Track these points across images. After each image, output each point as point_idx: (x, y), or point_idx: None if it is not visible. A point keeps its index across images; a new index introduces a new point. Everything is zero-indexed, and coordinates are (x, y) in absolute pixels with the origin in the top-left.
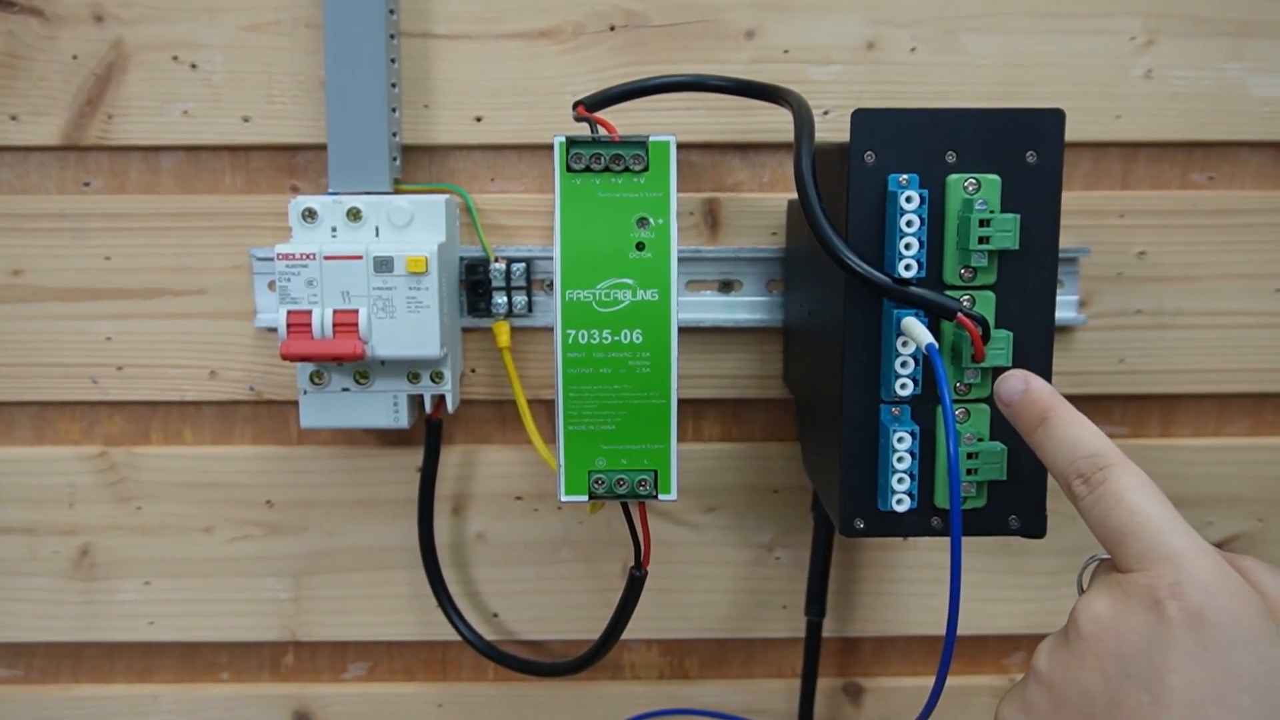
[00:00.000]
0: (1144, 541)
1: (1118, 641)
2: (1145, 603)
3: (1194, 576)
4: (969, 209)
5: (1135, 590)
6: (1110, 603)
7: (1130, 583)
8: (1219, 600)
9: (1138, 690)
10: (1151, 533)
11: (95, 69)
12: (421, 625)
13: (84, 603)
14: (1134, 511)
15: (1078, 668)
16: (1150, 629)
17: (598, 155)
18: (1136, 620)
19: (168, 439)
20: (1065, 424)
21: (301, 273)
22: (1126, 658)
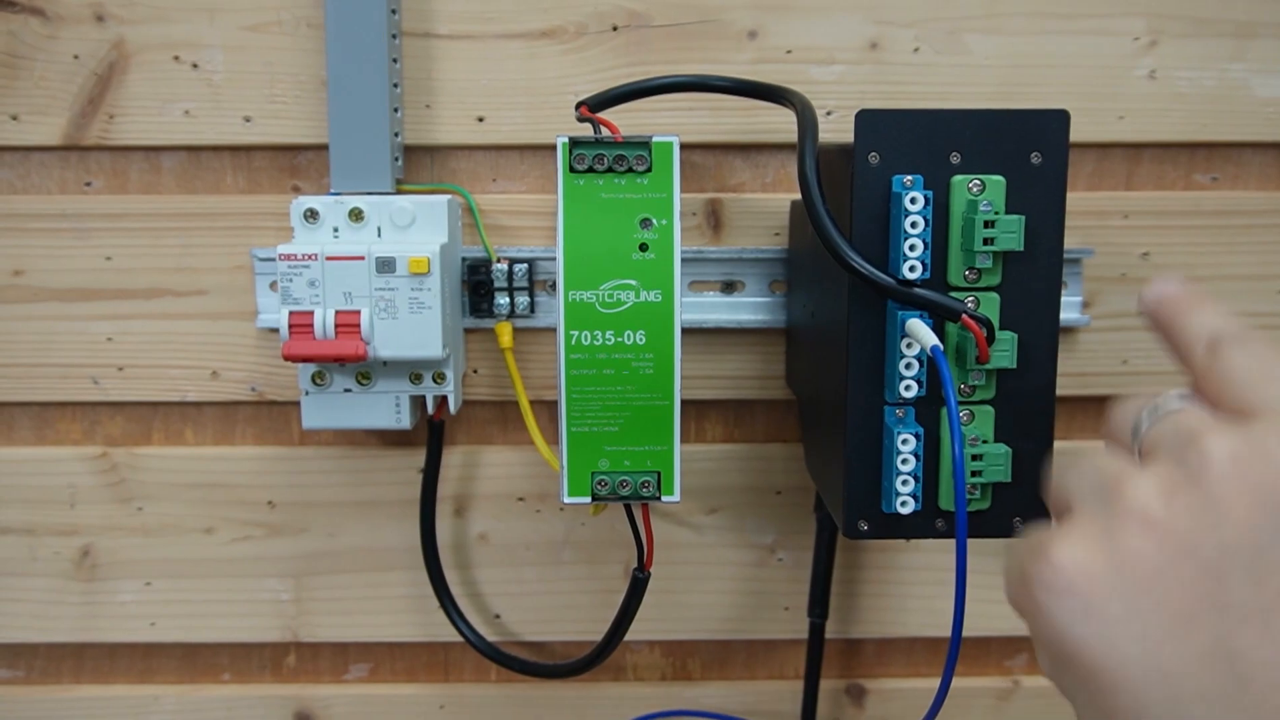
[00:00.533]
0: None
1: (1274, 490)
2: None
3: None
4: (974, 210)
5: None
6: (1255, 445)
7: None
8: None
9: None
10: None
11: (96, 69)
12: (423, 626)
13: (85, 603)
14: (1264, 350)
15: (1217, 516)
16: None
17: (601, 156)
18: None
19: (169, 439)
20: (1219, 309)
21: (303, 273)
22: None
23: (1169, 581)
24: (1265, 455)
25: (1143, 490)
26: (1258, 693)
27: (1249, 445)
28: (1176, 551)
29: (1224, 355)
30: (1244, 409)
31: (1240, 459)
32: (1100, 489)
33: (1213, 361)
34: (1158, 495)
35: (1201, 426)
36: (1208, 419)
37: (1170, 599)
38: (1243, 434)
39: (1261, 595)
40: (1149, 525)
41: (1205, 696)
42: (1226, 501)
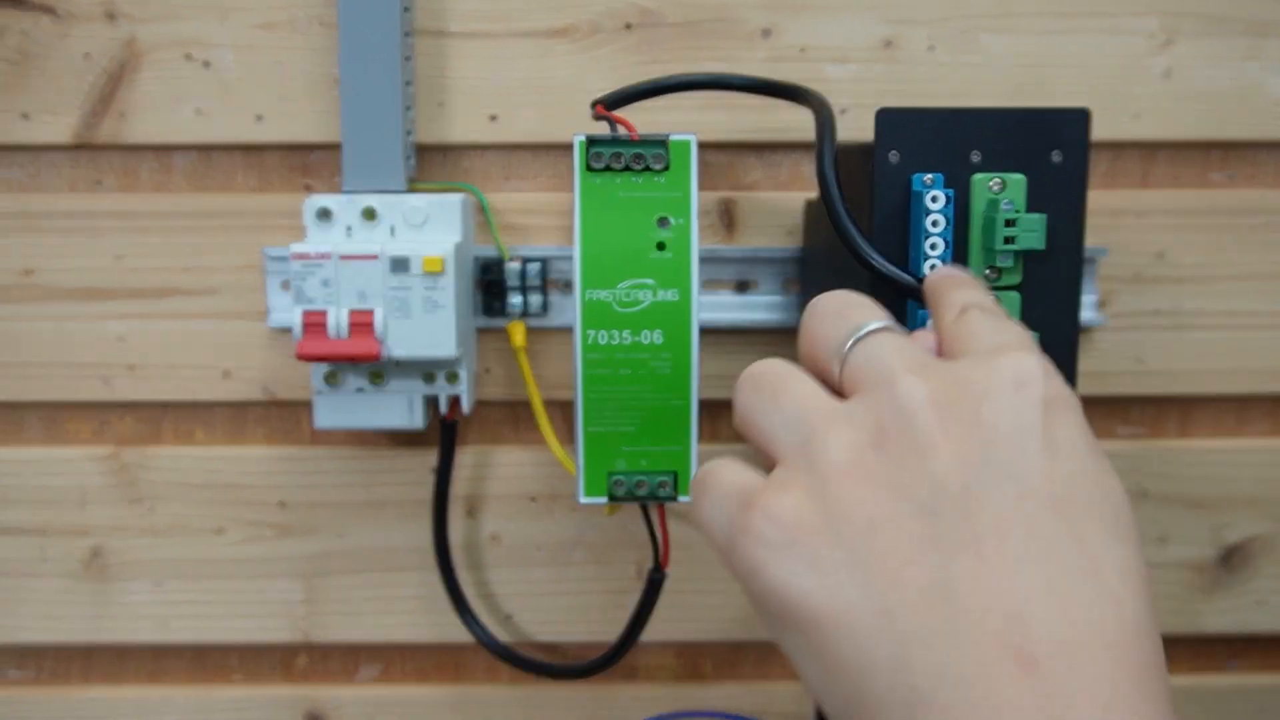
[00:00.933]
0: (1003, 338)
1: (977, 426)
2: (1008, 383)
3: (1049, 366)
4: (994, 209)
5: (995, 369)
6: (952, 383)
7: (985, 362)
8: (1072, 394)
9: (1002, 479)
10: (1015, 337)
11: (107, 67)
12: (435, 627)
13: (94, 604)
14: (1006, 326)
15: (922, 458)
16: (1017, 413)
17: (618, 154)
18: (1002, 405)
19: (180, 439)
20: (984, 289)
21: (317, 272)
22: (991, 442)
23: (885, 525)
24: (963, 385)
25: (850, 437)
26: (976, 621)
27: (946, 384)
28: (889, 495)
29: (967, 318)
30: (963, 352)
31: (940, 400)
32: (805, 436)
33: (957, 323)
34: (860, 441)
35: (899, 364)
36: (905, 350)
37: (888, 542)
38: (941, 373)
39: (972, 527)
40: (861, 472)
41: (928, 632)
42: (930, 442)
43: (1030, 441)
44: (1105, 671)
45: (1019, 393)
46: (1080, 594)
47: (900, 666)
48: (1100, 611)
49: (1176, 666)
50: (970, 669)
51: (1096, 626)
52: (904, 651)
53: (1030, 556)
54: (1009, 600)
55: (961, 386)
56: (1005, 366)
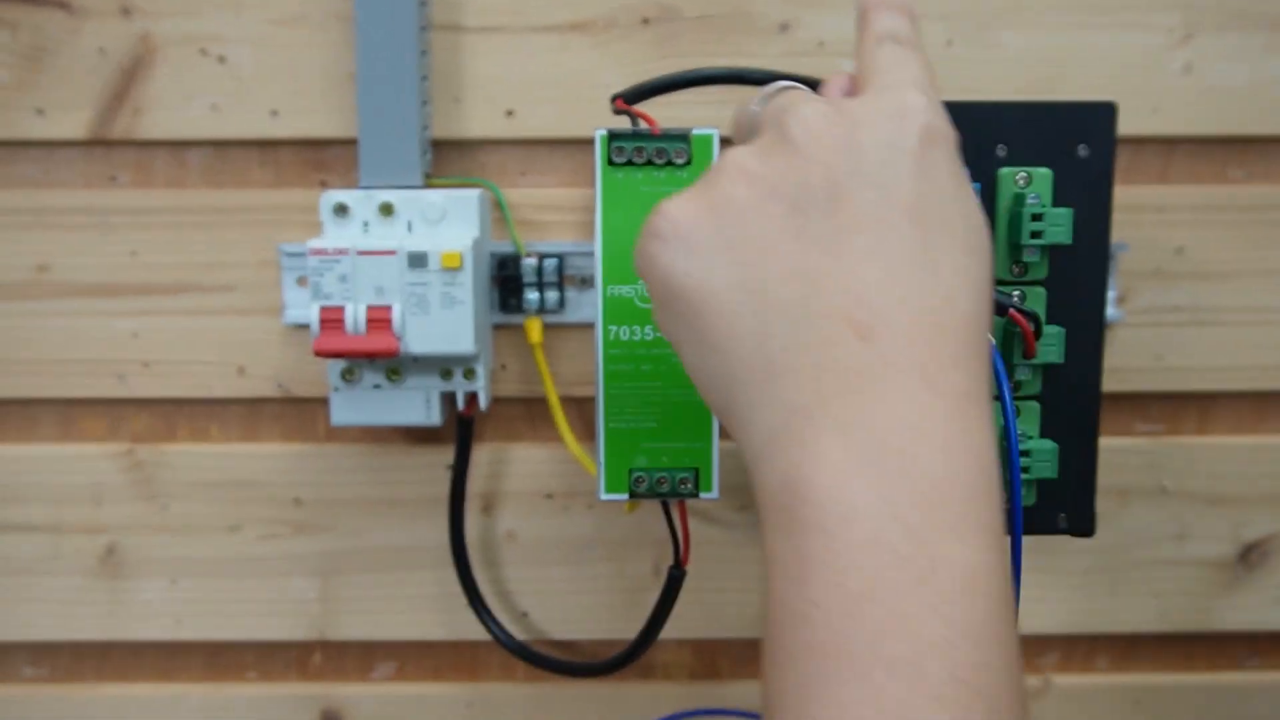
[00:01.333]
0: (899, 76)
1: (852, 144)
2: (890, 114)
3: (935, 105)
4: (1021, 203)
5: (881, 102)
6: (844, 110)
7: (875, 97)
8: (952, 132)
9: (866, 187)
10: (910, 76)
11: (122, 63)
12: (450, 625)
13: (109, 602)
14: (907, 62)
15: (803, 163)
16: (892, 137)
17: (640, 149)
18: (879, 129)
19: (194, 436)
20: (909, 18)
21: (334, 268)
22: (862, 157)
23: (757, 217)
24: (848, 114)
25: (743, 152)
26: (825, 298)
27: (836, 108)
28: (764, 194)
29: (880, 51)
30: (865, 87)
31: (826, 118)
32: (712, 168)
33: (871, 54)
34: (755, 153)
35: (802, 99)
36: (808, 94)
37: (757, 231)
38: (833, 104)
39: (834, 223)
40: (743, 175)
41: (785, 307)
42: (809, 151)
43: (900, 160)
44: (928, 344)
45: (898, 121)
46: (916, 283)
47: (761, 337)
48: (932, 300)
49: (1194, 663)
50: (816, 336)
51: (927, 310)
52: (764, 324)
53: (879, 250)
54: (854, 283)
55: (848, 113)
56: (891, 99)
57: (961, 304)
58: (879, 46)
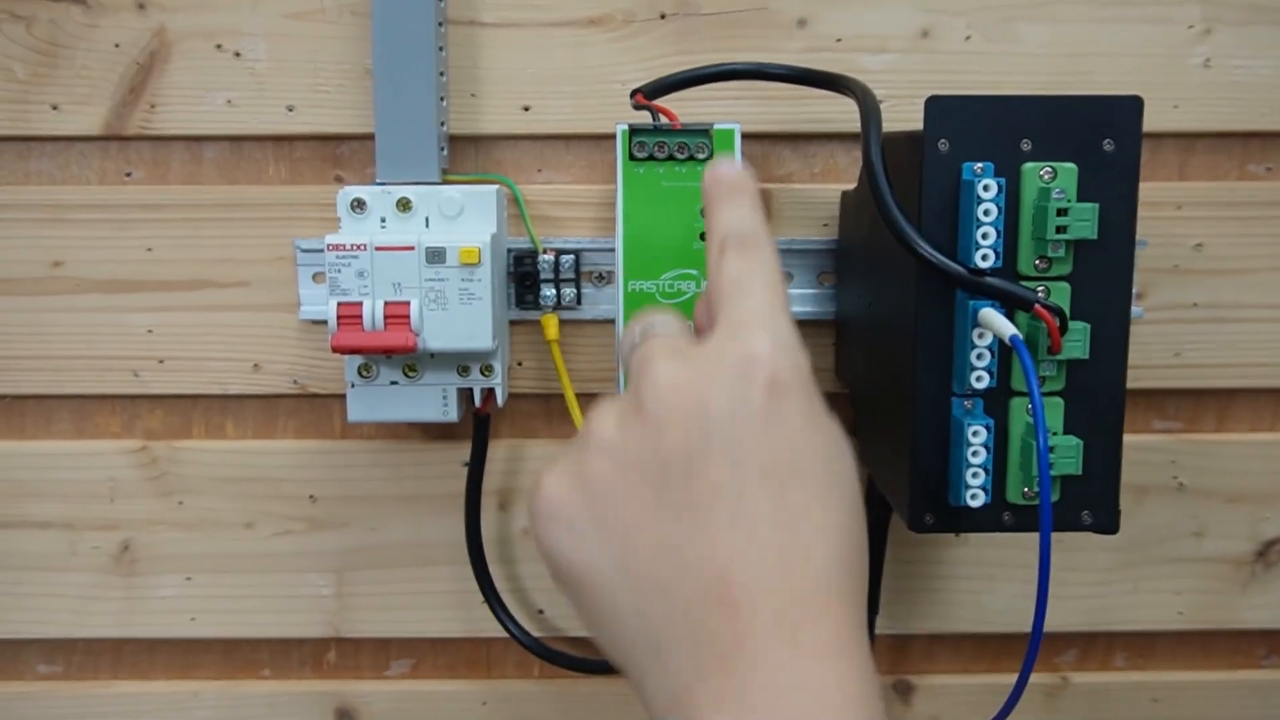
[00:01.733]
0: (743, 312)
1: (700, 410)
2: (734, 369)
3: (780, 340)
4: (1046, 198)
5: (725, 355)
6: (691, 368)
7: (720, 347)
8: (800, 372)
9: (718, 454)
10: (753, 307)
11: (137, 57)
12: (465, 622)
13: (124, 598)
14: (750, 284)
15: (656, 435)
16: (737, 397)
17: (661, 143)
18: (725, 391)
19: (209, 433)
20: (749, 204)
21: (352, 264)
22: (711, 424)
23: (621, 493)
24: (696, 372)
25: (605, 420)
26: (693, 573)
27: (687, 370)
28: (625, 467)
29: (724, 261)
30: (715, 322)
31: (676, 383)
32: (581, 433)
33: (715, 270)
34: (615, 422)
35: (656, 354)
36: (664, 346)
37: (623, 508)
38: (684, 359)
39: (691, 495)
40: (605, 449)
41: (657, 584)
42: (662, 420)
43: (748, 422)
44: (791, 605)
45: (742, 378)
46: (775, 546)
47: (641, 615)
48: (792, 560)
49: (1212, 661)
50: (688, 613)
51: (788, 571)
52: (641, 602)
53: (737, 518)
54: (715, 555)
55: (696, 370)
56: (734, 351)
57: (821, 557)
58: (722, 259)
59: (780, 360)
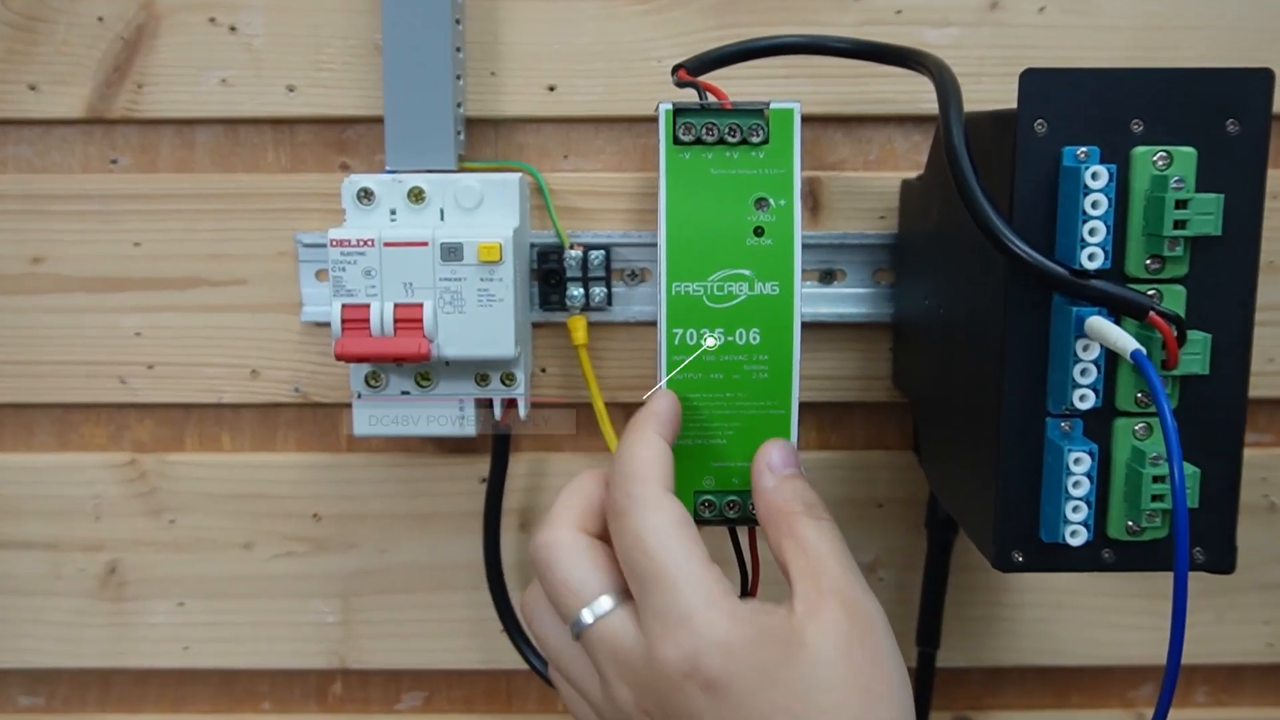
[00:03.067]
0: (665, 596)
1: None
2: (670, 682)
3: (711, 639)
4: (1162, 187)
5: (659, 670)
6: (641, 687)
7: (653, 661)
8: (739, 662)
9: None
10: (671, 585)
11: (123, 32)
12: (483, 652)
13: (112, 625)
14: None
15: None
16: (684, 706)
17: (710, 125)
18: (674, 703)
19: (204, 445)
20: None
21: (358, 261)
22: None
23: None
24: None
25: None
26: None
27: (643, 693)
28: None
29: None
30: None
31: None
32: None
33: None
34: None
35: (610, 671)
36: (613, 657)
37: None
38: (637, 683)
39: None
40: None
41: None
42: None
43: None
44: None
45: (683, 697)
46: None
47: None
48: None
49: None
50: None
51: None
52: None
53: None
54: None
55: (653, 694)
56: (661, 672)
57: None
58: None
59: (702, 659)
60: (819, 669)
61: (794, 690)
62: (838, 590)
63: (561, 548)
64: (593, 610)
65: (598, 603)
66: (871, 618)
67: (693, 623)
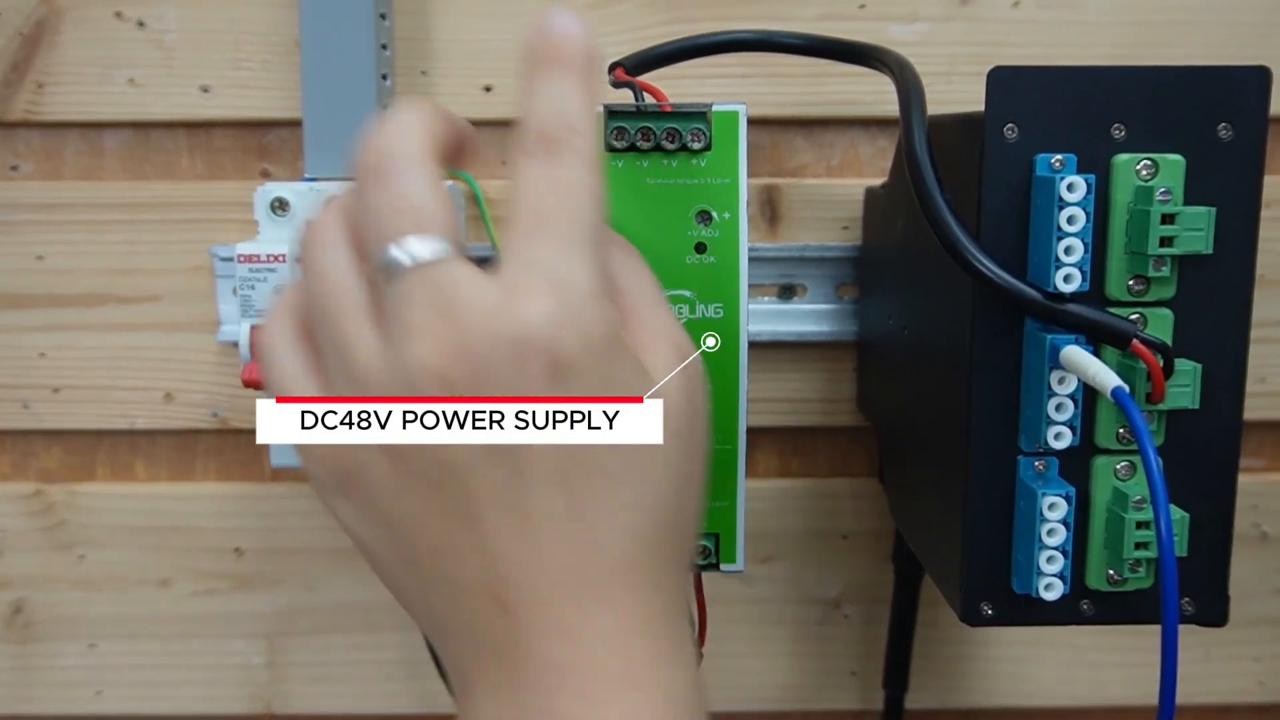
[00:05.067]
0: (526, 258)
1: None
2: (508, 359)
3: (567, 308)
4: (1146, 200)
5: (499, 338)
6: (461, 347)
7: (488, 319)
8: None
9: (500, 461)
10: (539, 252)
11: (22, 27)
12: (420, 696)
13: (18, 669)
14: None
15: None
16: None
17: (646, 130)
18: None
19: (116, 474)
20: (574, 85)
21: (269, 278)
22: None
23: (403, 494)
24: (471, 368)
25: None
26: (469, 577)
27: (458, 358)
28: (408, 473)
29: (517, 175)
30: (502, 251)
31: (446, 373)
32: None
33: (512, 167)
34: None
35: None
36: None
37: (405, 508)
38: (453, 323)
39: (472, 504)
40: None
41: (439, 582)
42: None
43: (528, 419)
44: (569, 601)
45: (518, 361)
46: (558, 546)
47: (426, 603)
48: (574, 557)
49: None
50: (467, 610)
51: (569, 569)
52: (425, 592)
53: (519, 523)
54: (497, 563)
55: (470, 360)
56: (507, 327)
57: (612, 548)
58: (517, 170)
59: (564, 334)
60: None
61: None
62: (666, 334)
63: (413, 161)
64: (430, 245)
65: (438, 240)
66: (700, 369)
67: (572, 294)
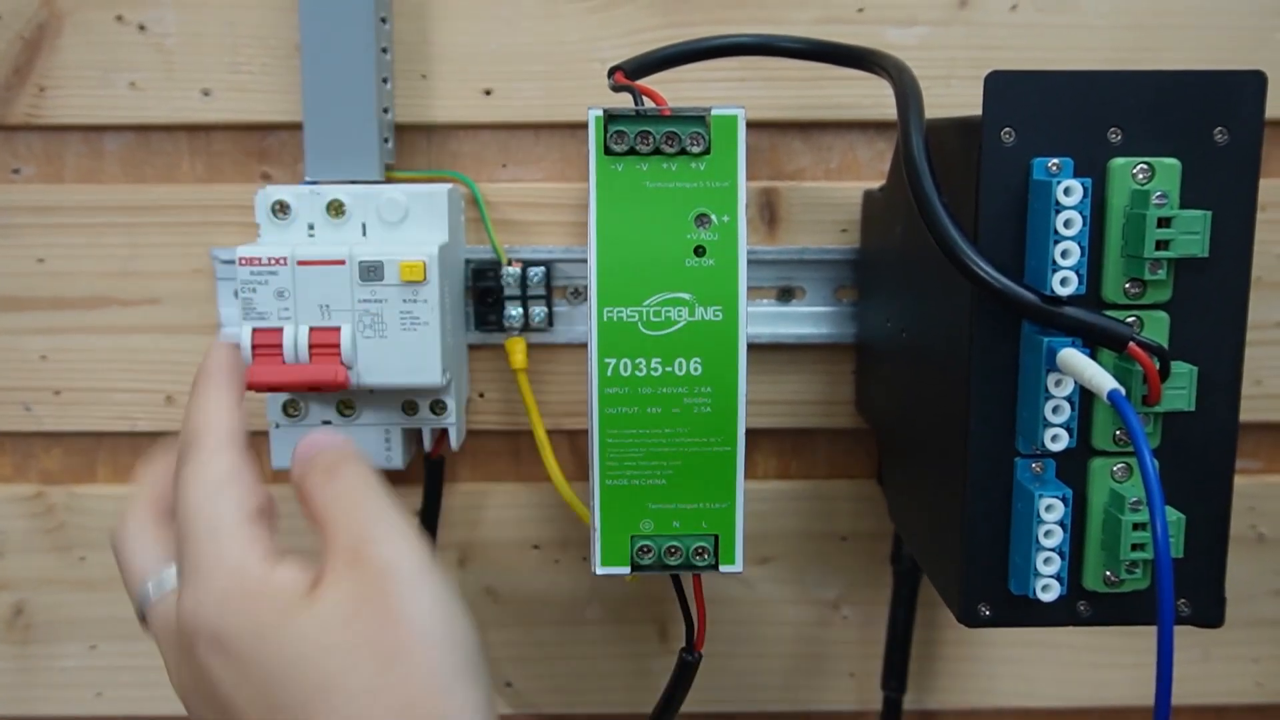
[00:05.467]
0: (189, 552)
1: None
2: (189, 641)
3: (213, 592)
4: (1143, 203)
5: (182, 630)
6: (180, 656)
7: (178, 621)
8: (237, 617)
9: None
10: (194, 540)
11: (23, 31)
12: None
13: (18, 670)
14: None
15: None
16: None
17: (645, 134)
18: (195, 668)
19: (116, 476)
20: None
21: (270, 281)
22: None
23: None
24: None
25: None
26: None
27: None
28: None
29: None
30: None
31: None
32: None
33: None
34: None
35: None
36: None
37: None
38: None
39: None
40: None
41: None
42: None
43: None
44: None
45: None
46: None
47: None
48: None
49: None
50: None
51: None
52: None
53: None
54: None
55: (185, 660)
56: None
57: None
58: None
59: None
60: (318, 633)
61: (293, 654)
62: (346, 548)
63: (124, 537)
64: (156, 587)
65: (163, 576)
66: (384, 570)
67: (201, 577)
